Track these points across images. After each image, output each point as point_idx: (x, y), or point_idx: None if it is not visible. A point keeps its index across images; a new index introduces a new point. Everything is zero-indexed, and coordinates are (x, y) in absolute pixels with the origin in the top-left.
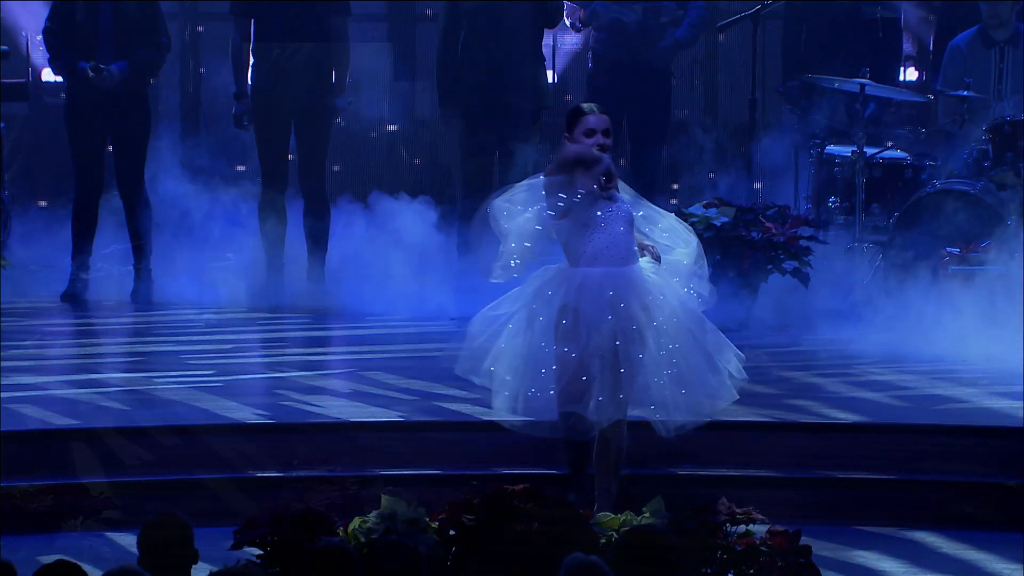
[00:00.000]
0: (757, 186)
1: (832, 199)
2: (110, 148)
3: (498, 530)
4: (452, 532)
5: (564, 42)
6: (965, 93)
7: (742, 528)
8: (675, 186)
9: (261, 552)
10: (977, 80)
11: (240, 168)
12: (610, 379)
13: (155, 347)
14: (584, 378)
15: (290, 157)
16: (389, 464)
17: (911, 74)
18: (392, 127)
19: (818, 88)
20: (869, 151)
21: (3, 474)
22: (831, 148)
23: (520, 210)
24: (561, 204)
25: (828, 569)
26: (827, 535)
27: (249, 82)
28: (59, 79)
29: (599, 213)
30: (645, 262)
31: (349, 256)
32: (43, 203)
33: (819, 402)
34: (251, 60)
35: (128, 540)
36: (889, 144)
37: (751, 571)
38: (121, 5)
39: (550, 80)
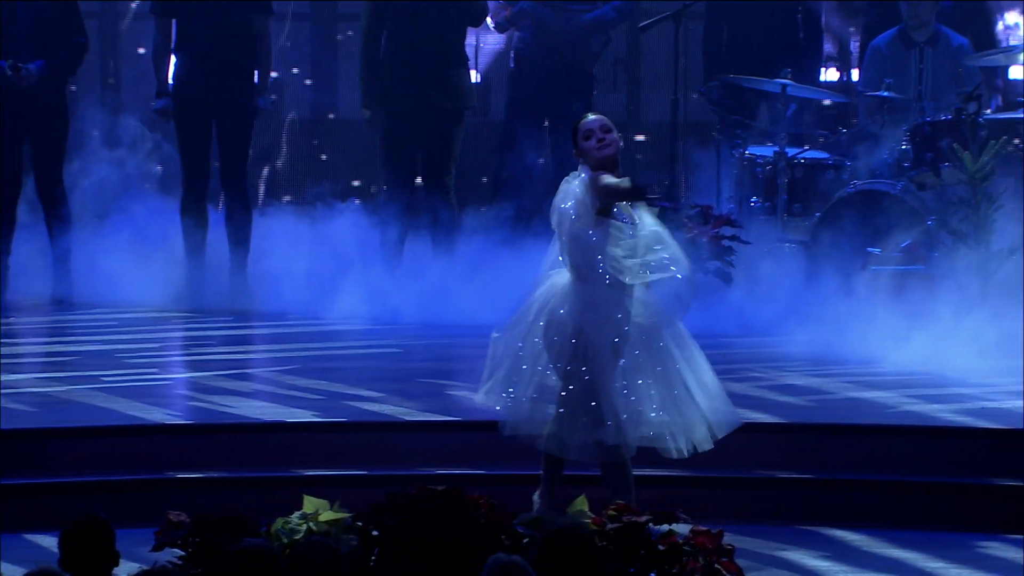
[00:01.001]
0: (679, 186)
1: (754, 199)
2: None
3: (421, 530)
4: (375, 533)
5: (487, 42)
6: (885, 94)
7: (665, 528)
8: None
9: (183, 553)
10: (897, 81)
11: (160, 168)
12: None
13: (72, 347)
14: (593, 404)
15: (216, 165)
16: (312, 465)
17: (832, 74)
18: (314, 127)
19: (740, 88)
20: (791, 151)
21: None
22: (753, 148)
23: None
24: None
25: (751, 568)
26: (750, 534)
27: (170, 81)
28: None
29: (630, 232)
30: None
31: (272, 256)
32: None
33: (740, 403)
34: (172, 60)
35: (49, 541)
36: (817, 142)
37: (674, 570)
38: (39, 4)
39: (473, 80)
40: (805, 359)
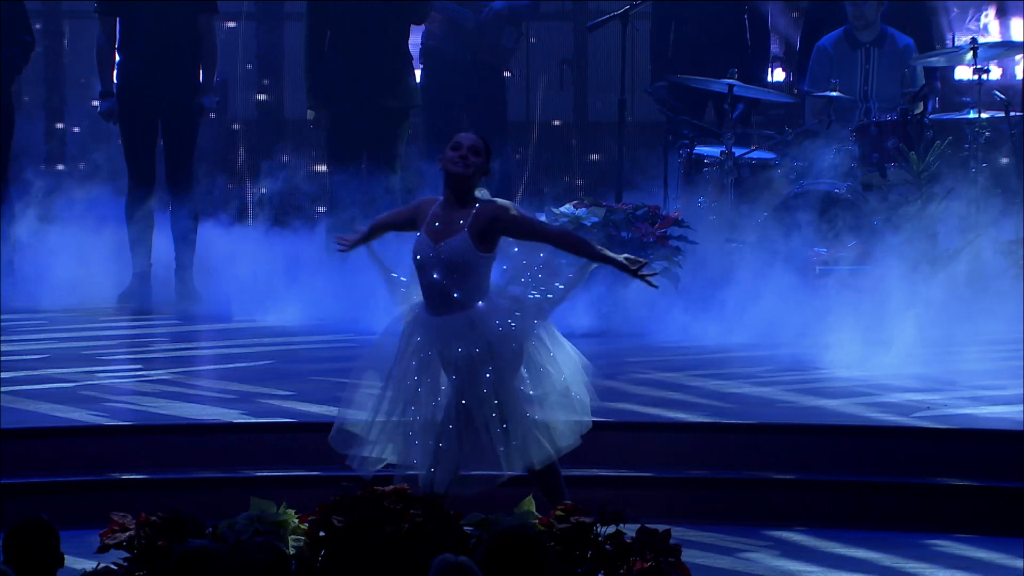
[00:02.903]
0: (627, 186)
1: (701, 199)
2: None
3: (368, 531)
4: (322, 534)
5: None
6: (832, 94)
7: (612, 528)
8: (545, 188)
9: (128, 555)
10: (843, 81)
11: (107, 166)
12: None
13: (16, 347)
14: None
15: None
16: (259, 465)
17: (778, 75)
18: (261, 126)
19: (687, 89)
20: (738, 151)
21: None
22: (700, 148)
23: None
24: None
25: (698, 567)
26: (697, 533)
27: (115, 81)
28: None
29: (418, 256)
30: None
31: (219, 257)
32: None
33: (686, 406)
34: (117, 59)
35: None
36: (764, 142)
37: (621, 571)
38: None
39: (417, 80)
40: (752, 361)
